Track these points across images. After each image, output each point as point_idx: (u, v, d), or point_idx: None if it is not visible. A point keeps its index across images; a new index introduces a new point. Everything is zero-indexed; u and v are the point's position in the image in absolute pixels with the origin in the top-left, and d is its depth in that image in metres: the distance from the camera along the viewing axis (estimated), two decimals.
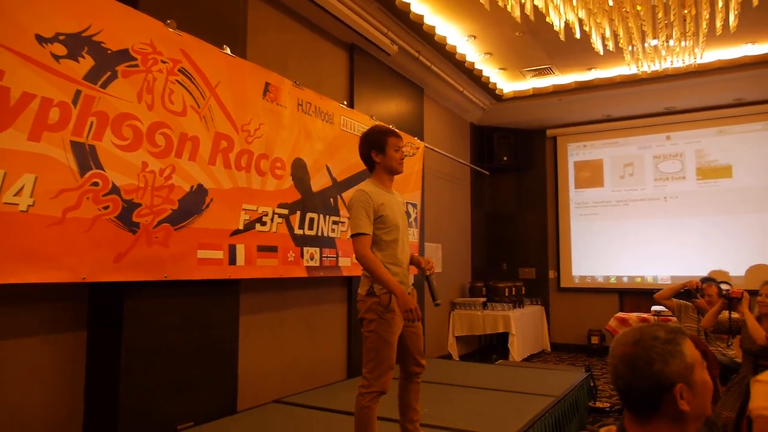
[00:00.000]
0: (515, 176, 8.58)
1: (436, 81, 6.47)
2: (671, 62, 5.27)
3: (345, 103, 4.77)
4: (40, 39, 2.43)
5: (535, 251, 8.36)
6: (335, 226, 4.47)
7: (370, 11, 4.86)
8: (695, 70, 6.27)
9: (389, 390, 2.58)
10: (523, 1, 3.92)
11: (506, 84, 7.32)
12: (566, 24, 4.22)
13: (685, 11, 4.16)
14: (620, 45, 4.70)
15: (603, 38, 4.56)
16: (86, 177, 2.61)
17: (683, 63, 5.33)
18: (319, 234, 4.29)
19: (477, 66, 6.57)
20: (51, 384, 2.78)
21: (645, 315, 6.74)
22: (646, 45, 4.87)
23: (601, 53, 4.90)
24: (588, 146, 8.22)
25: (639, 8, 4.10)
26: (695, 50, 4.91)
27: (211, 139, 3.30)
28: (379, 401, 2.56)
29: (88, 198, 2.61)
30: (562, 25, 4.19)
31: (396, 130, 2.83)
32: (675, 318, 4.66)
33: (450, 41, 5.82)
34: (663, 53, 5.02)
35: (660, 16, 4.24)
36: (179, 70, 3.09)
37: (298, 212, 4.06)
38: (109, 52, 2.72)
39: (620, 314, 6.99)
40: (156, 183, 2.94)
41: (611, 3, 4.09)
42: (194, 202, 3.18)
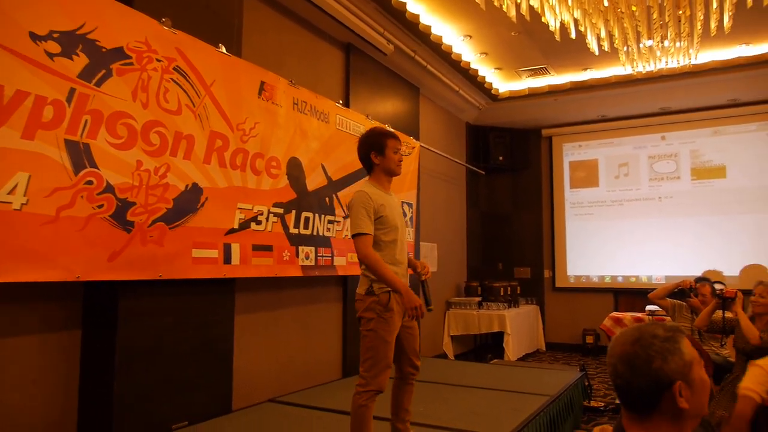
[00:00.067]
0: (511, 176, 8.59)
1: (432, 81, 6.47)
2: (666, 63, 5.29)
3: (341, 103, 4.76)
4: (34, 37, 2.42)
5: (531, 251, 8.38)
6: (330, 226, 4.47)
7: (366, 11, 4.85)
8: (690, 71, 6.30)
9: (386, 389, 2.59)
10: (519, 1, 3.93)
11: (502, 84, 7.33)
12: (562, 24, 4.23)
13: (680, 12, 4.18)
14: (615, 45, 4.72)
15: (598, 38, 4.58)
16: (80, 175, 2.60)
17: (678, 63, 5.36)
18: (315, 233, 4.28)
19: (473, 66, 6.57)
20: (45, 383, 2.76)
21: (639, 315, 6.76)
22: (641, 45, 4.88)
23: (597, 53, 4.91)
24: (583, 146, 8.24)
25: (634, 9, 4.12)
26: (690, 51, 4.93)
27: (206, 138, 3.29)
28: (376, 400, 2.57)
29: (83, 197, 2.60)
30: (558, 26, 4.20)
31: (395, 132, 2.84)
32: (669, 318, 4.68)
33: (446, 41, 5.82)
34: (658, 54, 5.04)
35: (655, 17, 4.26)
36: (174, 69, 3.09)
37: (294, 211, 4.05)
38: (104, 50, 2.71)
39: (615, 314, 7.01)
40: (151, 182, 2.93)
41: (606, 3, 4.10)
42: (189, 201, 3.17)
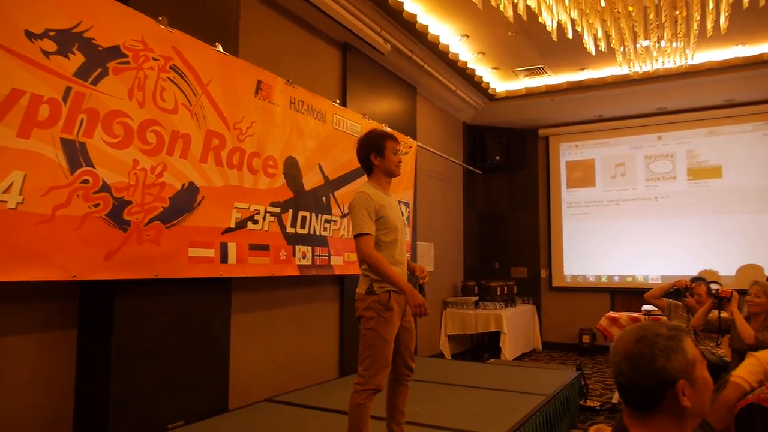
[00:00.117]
0: (507, 176, 8.60)
1: (429, 80, 6.47)
2: (663, 63, 5.30)
3: (338, 102, 4.76)
4: (30, 35, 2.41)
5: (527, 250, 8.39)
6: (327, 225, 4.47)
7: (364, 10, 4.85)
8: (686, 71, 6.32)
9: (384, 388, 2.61)
10: (516, 1, 3.94)
11: (499, 83, 7.34)
12: (559, 24, 4.23)
13: (677, 12, 4.19)
14: (612, 45, 4.72)
15: (595, 39, 4.59)
16: (76, 174, 2.59)
17: (674, 64, 5.37)
18: (312, 232, 4.28)
19: (470, 65, 6.57)
20: (41, 383, 2.76)
21: (636, 314, 6.78)
22: (638, 46, 4.89)
23: (593, 54, 4.92)
24: (580, 146, 8.25)
25: (631, 9, 4.12)
26: (686, 51, 4.94)
27: (203, 137, 3.28)
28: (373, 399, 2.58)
29: (78, 195, 2.60)
30: (555, 26, 4.21)
31: (394, 134, 2.86)
32: (665, 317, 4.69)
33: (443, 40, 5.82)
34: (654, 54, 5.05)
35: (651, 17, 4.27)
36: (171, 68, 3.08)
37: (291, 211, 4.05)
38: (100, 49, 2.70)
39: (611, 313, 7.02)
40: (147, 181, 2.93)
41: (603, 4, 4.11)
42: (185, 200, 3.17)
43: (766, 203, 6.99)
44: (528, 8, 4.05)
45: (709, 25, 4.33)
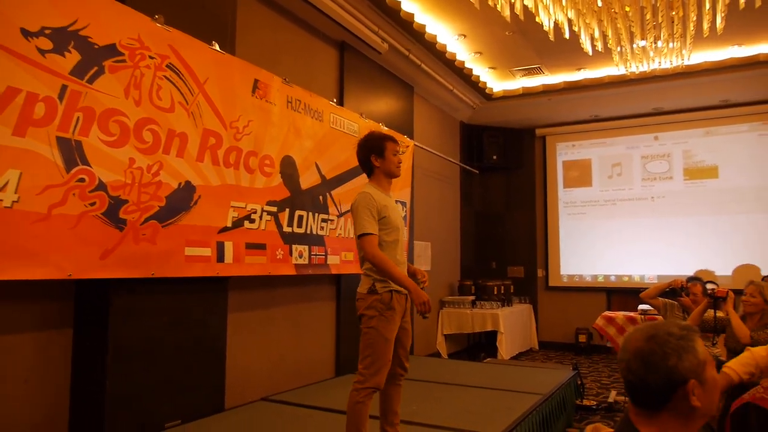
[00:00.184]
0: (504, 175, 8.61)
1: (426, 79, 6.47)
2: (659, 63, 5.31)
3: (335, 101, 4.76)
4: (26, 33, 2.40)
5: (524, 250, 8.40)
6: (324, 224, 4.46)
7: (361, 9, 4.85)
8: (683, 72, 6.34)
9: (383, 386, 2.63)
10: (513, 1, 3.93)
11: (496, 83, 7.35)
12: (555, 24, 4.24)
13: (673, 13, 4.20)
14: (609, 45, 4.73)
15: (592, 39, 4.59)
16: (72, 173, 2.58)
17: (671, 64, 5.38)
18: (308, 232, 4.28)
19: (467, 65, 6.58)
20: (36, 382, 2.75)
21: (632, 314, 6.79)
22: (635, 46, 4.90)
23: (590, 54, 4.93)
24: (577, 146, 8.27)
25: (627, 9, 4.13)
26: (683, 52, 4.95)
27: (200, 136, 3.28)
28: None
29: (74, 194, 2.59)
30: (552, 25, 4.21)
31: (393, 136, 2.90)
32: (661, 317, 4.70)
33: (440, 40, 5.83)
34: (651, 54, 5.06)
35: (648, 18, 4.28)
36: (167, 66, 3.07)
37: (287, 210, 4.05)
38: (96, 47, 2.69)
39: (607, 313, 7.03)
40: (143, 179, 2.92)
41: (600, 4, 4.11)
42: (182, 199, 3.16)
43: (762, 203, 7.02)
44: (525, 8, 4.06)
45: (706, 26, 4.34)
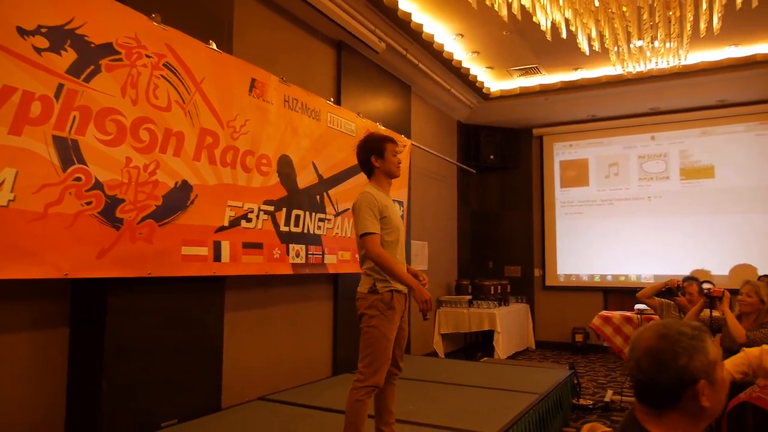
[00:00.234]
0: (501, 175, 8.62)
1: (424, 79, 6.47)
2: (656, 63, 5.32)
3: (332, 100, 4.75)
4: (22, 31, 2.39)
5: (521, 250, 8.41)
6: (321, 224, 4.46)
7: (358, 8, 4.85)
8: (679, 72, 6.36)
9: (382, 385, 2.65)
10: (510, 1, 3.94)
11: (493, 83, 7.35)
12: (553, 24, 4.24)
13: (670, 13, 4.21)
14: (606, 45, 4.74)
15: (589, 38, 4.60)
16: (69, 172, 2.57)
17: (668, 64, 5.39)
18: (305, 231, 4.27)
19: (464, 64, 6.58)
20: (33, 381, 2.74)
21: (628, 313, 6.78)
22: (632, 46, 4.91)
23: (587, 53, 4.94)
24: (574, 146, 8.28)
25: (624, 9, 4.14)
26: (679, 52, 4.96)
27: (196, 135, 3.27)
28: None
29: (71, 193, 2.58)
30: (549, 25, 4.22)
31: (392, 137, 2.91)
32: (657, 316, 4.71)
33: (437, 39, 5.83)
34: (648, 54, 5.08)
35: (645, 18, 4.28)
36: (164, 65, 3.06)
37: (284, 209, 4.04)
38: (93, 46, 2.68)
39: (604, 312, 7.02)
40: (140, 178, 2.91)
41: (597, 3, 4.12)
42: (179, 198, 3.16)
43: (759, 203, 7.04)
44: (522, 8, 4.06)
45: (703, 26, 4.36)
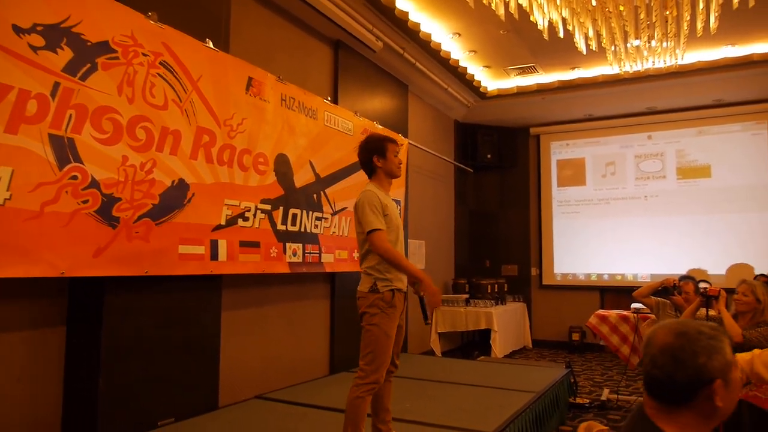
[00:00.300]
0: (499, 174, 8.63)
1: (421, 78, 6.47)
2: (653, 63, 5.33)
3: (329, 99, 4.75)
4: (17, 29, 2.38)
5: (518, 249, 8.43)
6: (318, 223, 4.46)
7: (356, 7, 4.84)
8: (676, 71, 6.36)
9: (383, 382, 2.69)
10: (507, 0, 3.94)
11: (490, 82, 7.35)
12: (550, 23, 4.25)
13: (667, 12, 4.22)
14: (603, 45, 4.75)
15: (586, 38, 4.61)
16: (65, 170, 2.57)
17: (664, 64, 5.40)
18: (302, 230, 4.27)
19: (461, 63, 6.58)
20: (29, 380, 2.73)
21: (625, 312, 6.80)
22: (629, 45, 4.92)
23: (584, 53, 4.94)
24: (570, 145, 8.29)
25: (622, 9, 4.15)
26: (676, 51, 4.97)
27: (193, 134, 3.27)
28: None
29: (67, 192, 2.58)
30: (546, 24, 4.22)
31: (393, 138, 2.93)
32: (653, 315, 4.73)
33: (435, 38, 5.83)
34: (645, 53, 5.08)
35: (642, 17, 4.29)
36: (160, 63, 3.06)
37: (281, 208, 4.04)
38: (89, 44, 2.67)
39: (601, 311, 7.02)
40: (136, 177, 2.91)
41: (594, 3, 4.13)
42: (175, 197, 3.15)
43: (755, 202, 7.06)
44: (519, 7, 4.06)
45: (699, 25, 4.36)
